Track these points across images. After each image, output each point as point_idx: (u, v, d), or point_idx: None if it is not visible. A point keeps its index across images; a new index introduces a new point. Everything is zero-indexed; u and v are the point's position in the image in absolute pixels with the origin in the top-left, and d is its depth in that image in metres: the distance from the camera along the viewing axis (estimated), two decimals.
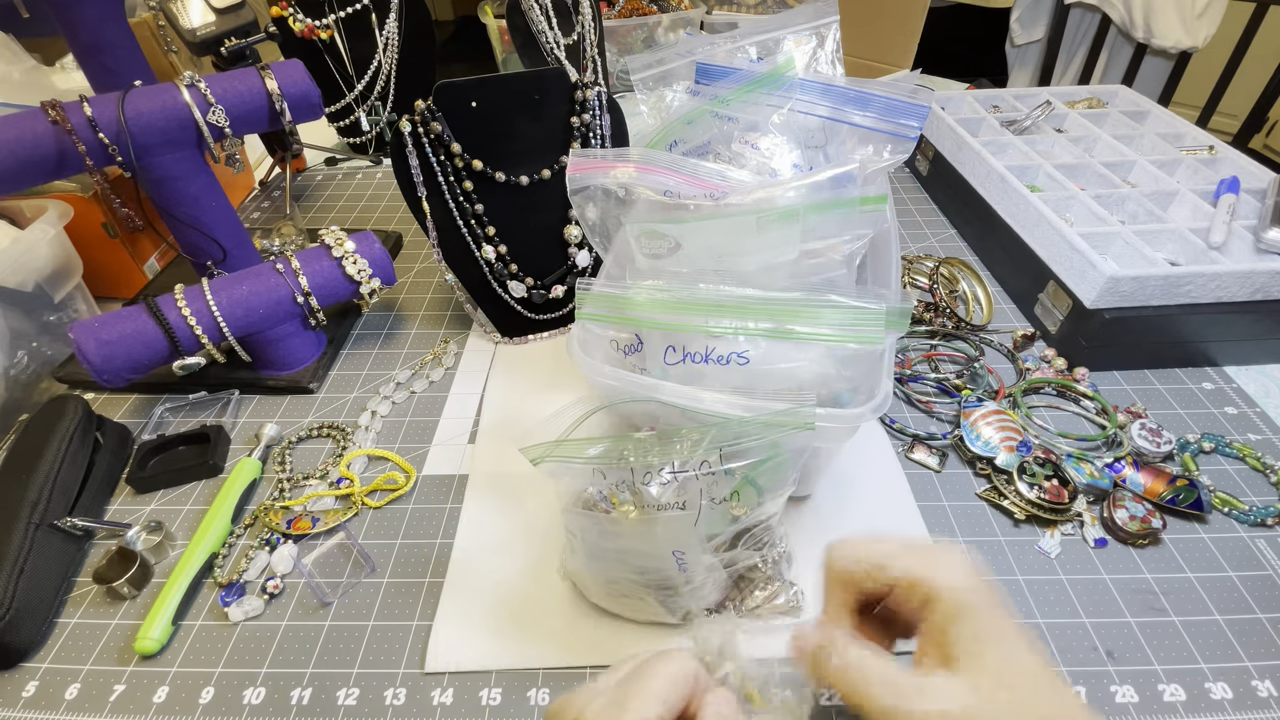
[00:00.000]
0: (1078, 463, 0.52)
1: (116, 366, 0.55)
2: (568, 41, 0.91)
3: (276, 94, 0.62)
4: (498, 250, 0.63)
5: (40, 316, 0.64)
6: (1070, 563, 0.48)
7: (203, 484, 0.56)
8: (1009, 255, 0.72)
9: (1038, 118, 0.88)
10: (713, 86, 0.62)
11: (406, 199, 0.61)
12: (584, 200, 0.54)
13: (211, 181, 0.64)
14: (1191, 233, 0.65)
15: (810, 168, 0.59)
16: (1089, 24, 1.62)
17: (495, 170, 0.61)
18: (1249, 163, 0.75)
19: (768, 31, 0.66)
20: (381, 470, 0.57)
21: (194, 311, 0.57)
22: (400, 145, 0.59)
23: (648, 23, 1.09)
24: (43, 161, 0.56)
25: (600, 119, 0.63)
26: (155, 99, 0.58)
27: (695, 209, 0.49)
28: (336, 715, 0.42)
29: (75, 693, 0.43)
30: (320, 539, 0.51)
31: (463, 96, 0.58)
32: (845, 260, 0.48)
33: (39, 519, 0.48)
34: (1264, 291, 0.60)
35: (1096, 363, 0.62)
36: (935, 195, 0.90)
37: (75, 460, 0.52)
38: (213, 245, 0.65)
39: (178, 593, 0.46)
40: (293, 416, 0.62)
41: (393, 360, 0.67)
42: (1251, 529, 0.50)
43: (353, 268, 0.62)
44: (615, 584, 0.43)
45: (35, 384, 0.64)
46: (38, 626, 0.45)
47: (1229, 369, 0.63)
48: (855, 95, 0.57)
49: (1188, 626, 0.45)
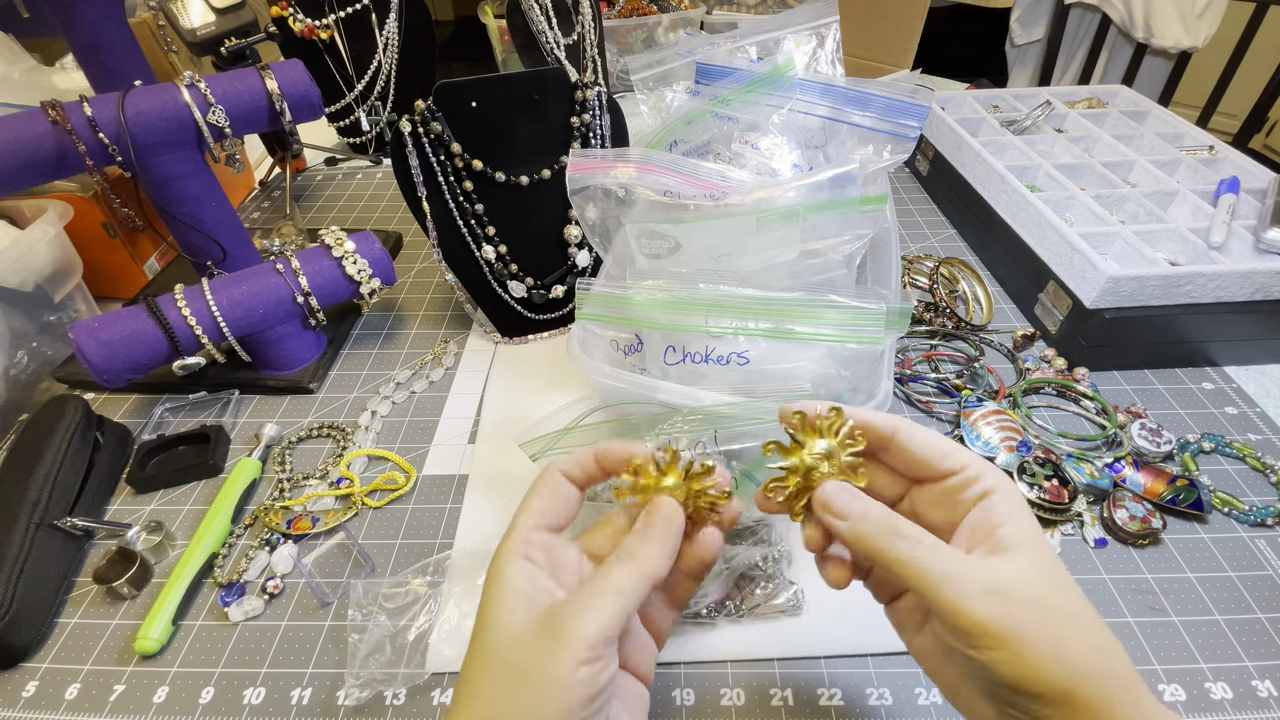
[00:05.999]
0: (1078, 463, 0.52)
1: (116, 366, 0.55)
2: (568, 41, 0.91)
3: (276, 94, 0.62)
4: (498, 250, 0.63)
5: (40, 316, 0.64)
6: (1070, 563, 0.48)
7: (203, 484, 0.56)
8: (1009, 255, 0.72)
9: (1038, 118, 0.88)
10: (713, 86, 0.62)
11: (406, 199, 0.61)
12: (584, 200, 0.54)
13: (211, 181, 0.64)
14: (1191, 233, 0.65)
15: (810, 168, 0.59)
16: (1089, 24, 1.62)
17: (495, 170, 0.61)
18: (1249, 163, 0.75)
19: (768, 31, 0.66)
20: (381, 470, 0.57)
21: (194, 311, 0.57)
22: (400, 145, 0.59)
23: (648, 23, 1.09)
24: (43, 161, 0.56)
25: (600, 119, 0.63)
26: (155, 99, 0.58)
27: (695, 209, 0.49)
28: (336, 715, 0.42)
29: (75, 693, 0.43)
30: (320, 539, 0.51)
31: (463, 96, 0.58)
32: (845, 260, 0.48)
33: (39, 519, 0.48)
34: (1264, 291, 0.60)
35: (1096, 363, 0.62)
36: (935, 195, 0.90)
37: (75, 460, 0.52)
38: (213, 245, 0.65)
39: (178, 593, 0.46)
40: (293, 416, 0.62)
41: (393, 360, 0.67)
42: (1251, 529, 0.50)
43: (353, 268, 0.62)
44: None
45: (35, 384, 0.64)
46: (38, 626, 0.45)
47: (1229, 369, 0.63)
48: (855, 95, 0.57)
49: (1188, 626, 0.45)
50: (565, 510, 0.31)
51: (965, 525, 0.28)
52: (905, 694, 0.42)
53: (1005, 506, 0.28)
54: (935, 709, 0.41)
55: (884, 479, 0.32)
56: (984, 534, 0.27)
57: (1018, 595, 0.25)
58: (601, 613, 0.26)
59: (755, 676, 0.43)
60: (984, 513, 0.28)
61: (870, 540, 0.28)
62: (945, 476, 0.29)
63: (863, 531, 0.28)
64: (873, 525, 0.28)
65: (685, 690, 0.42)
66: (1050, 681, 0.24)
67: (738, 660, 0.44)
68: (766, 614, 0.45)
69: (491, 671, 0.26)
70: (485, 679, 0.26)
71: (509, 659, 0.26)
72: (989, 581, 0.25)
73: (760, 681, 0.43)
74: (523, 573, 0.28)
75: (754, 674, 0.43)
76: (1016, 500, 0.28)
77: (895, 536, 0.27)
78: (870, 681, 0.43)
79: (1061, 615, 0.25)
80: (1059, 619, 0.25)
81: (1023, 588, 0.25)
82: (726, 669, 0.43)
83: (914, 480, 0.31)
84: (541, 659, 0.25)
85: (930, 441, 0.30)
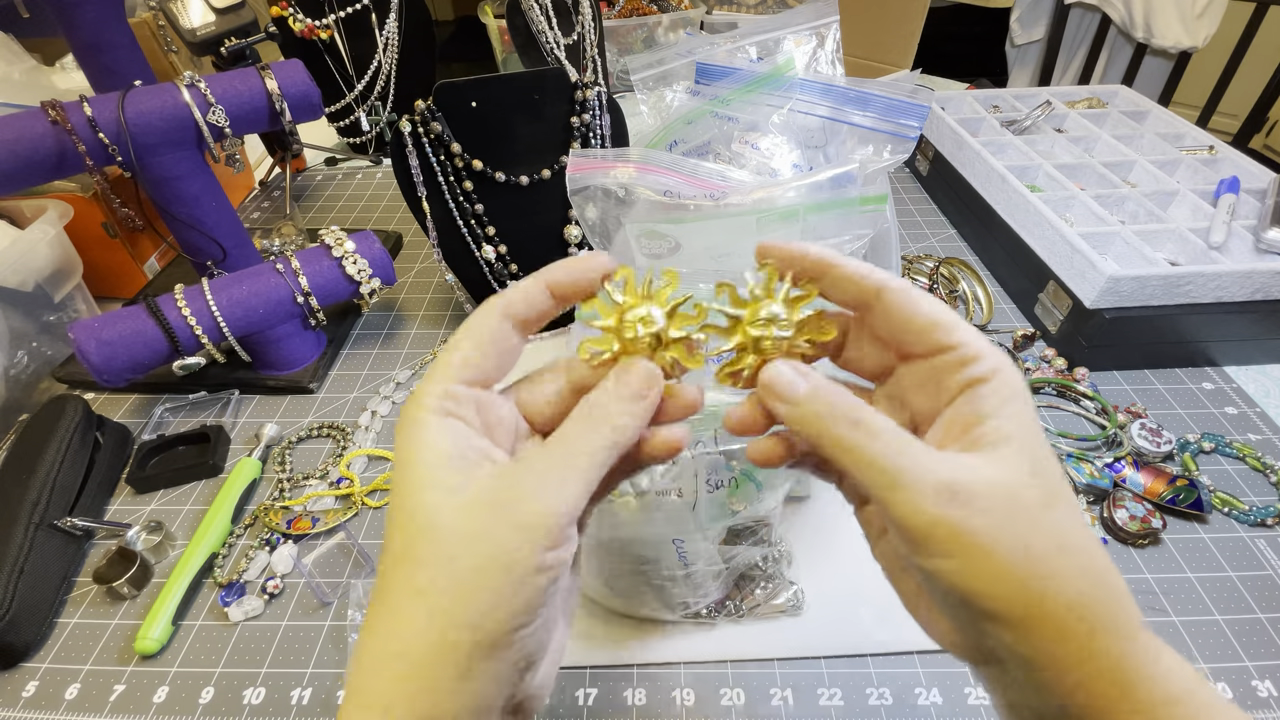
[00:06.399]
0: (1078, 463, 0.52)
1: (116, 366, 0.55)
2: (568, 41, 0.91)
3: (276, 94, 0.61)
4: (498, 250, 0.63)
5: (40, 316, 0.64)
6: None
7: (203, 484, 0.56)
8: (1009, 255, 0.72)
9: (1038, 118, 0.88)
10: (713, 86, 0.62)
11: (406, 199, 0.61)
12: (584, 200, 0.54)
13: (211, 181, 0.64)
14: (1191, 233, 0.65)
15: (810, 168, 0.59)
16: (1089, 24, 1.62)
17: (495, 170, 0.61)
18: (1249, 163, 0.75)
19: (768, 31, 0.66)
20: (381, 470, 0.57)
21: (194, 311, 0.57)
22: (400, 145, 0.59)
23: (648, 23, 1.09)
24: (43, 161, 0.56)
25: (600, 119, 0.63)
26: (155, 99, 0.58)
27: (695, 209, 0.49)
28: (336, 715, 0.41)
29: (75, 693, 0.43)
30: (320, 539, 0.51)
31: (463, 96, 0.58)
32: None
33: (39, 519, 0.48)
34: (1264, 291, 0.60)
35: (1096, 363, 0.62)
36: (935, 195, 0.90)
37: (75, 460, 0.52)
38: (213, 245, 0.65)
39: (178, 593, 0.46)
40: (293, 416, 0.62)
41: (393, 360, 0.67)
42: (1251, 529, 0.50)
43: (353, 268, 0.62)
44: (615, 578, 0.43)
45: (35, 384, 0.64)
46: (38, 626, 0.45)
47: (1229, 369, 0.63)
48: (855, 95, 0.57)
49: (1188, 626, 0.45)
50: (502, 361, 0.25)
51: (946, 415, 0.23)
52: (905, 694, 0.42)
53: (997, 397, 0.22)
54: (935, 709, 0.41)
55: (867, 347, 0.26)
56: (964, 427, 0.22)
57: (981, 496, 0.20)
58: (571, 486, 0.21)
59: (755, 676, 0.43)
60: (970, 402, 0.23)
61: (815, 424, 0.23)
62: (936, 353, 0.24)
63: (807, 413, 0.23)
64: (820, 406, 0.23)
65: (685, 690, 0.42)
66: (1007, 599, 0.20)
67: (738, 660, 0.44)
68: (766, 614, 0.45)
69: (431, 556, 0.21)
70: (426, 564, 0.20)
71: (454, 540, 0.20)
72: (949, 477, 0.20)
73: (760, 681, 0.43)
74: (449, 431, 0.22)
75: (754, 674, 0.43)
76: (1013, 391, 0.22)
77: (846, 423, 0.22)
78: (870, 681, 0.43)
79: (1034, 524, 0.20)
80: (1029, 528, 0.20)
81: (990, 488, 0.20)
82: (726, 669, 0.43)
83: (901, 355, 0.25)
84: (495, 545, 0.20)
85: (922, 307, 0.24)
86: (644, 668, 0.44)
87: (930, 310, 0.24)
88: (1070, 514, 0.21)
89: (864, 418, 0.22)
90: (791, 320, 0.25)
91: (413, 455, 0.22)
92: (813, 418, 0.23)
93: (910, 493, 0.20)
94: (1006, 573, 0.20)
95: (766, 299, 0.25)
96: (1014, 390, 0.22)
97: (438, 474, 0.21)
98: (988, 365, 0.23)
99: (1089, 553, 0.20)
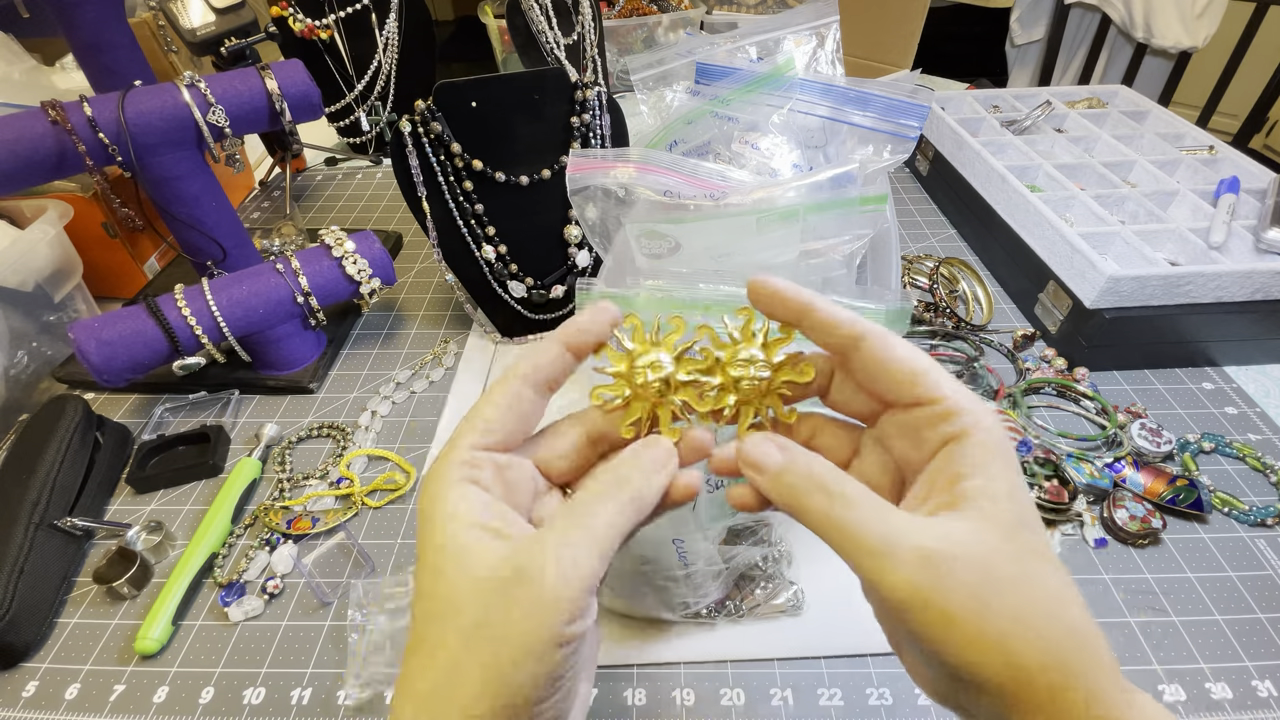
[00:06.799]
0: (1078, 463, 0.52)
1: (117, 366, 0.55)
2: (568, 41, 0.91)
3: (276, 94, 0.62)
4: (498, 250, 0.63)
5: (40, 316, 0.64)
6: (1070, 563, 0.48)
7: (203, 484, 0.56)
8: (1009, 255, 0.72)
9: (1038, 118, 0.88)
10: (713, 86, 0.62)
11: (406, 199, 0.61)
12: (584, 200, 0.54)
13: (211, 181, 0.64)
14: (1191, 233, 0.65)
15: (810, 168, 0.59)
16: (1089, 24, 1.62)
17: (495, 170, 0.61)
18: (1249, 163, 0.75)
19: (768, 31, 0.66)
20: (381, 470, 0.57)
21: (194, 311, 0.57)
22: (400, 145, 0.59)
23: (648, 23, 1.09)
24: (43, 161, 0.56)
25: (600, 119, 0.63)
26: (155, 99, 0.58)
27: (695, 209, 0.49)
28: (337, 715, 0.42)
29: (75, 693, 0.43)
30: (320, 539, 0.51)
31: (463, 96, 0.58)
32: (845, 260, 0.48)
33: (39, 519, 0.48)
34: (1264, 291, 0.60)
35: (1096, 363, 0.62)
36: (935, 195, 0.90)
37: (75, 460, 0.52)
38: (213, 245, 0.65)
39: (178, 593, 0.46)
40: (293, 416, 0.62)
41: (393, 360, 0.67)
42: (1251, 529, 0.50)
43: (353, 268, 0.62)
44: (615, 578, 0.43)
45: (35, 384, 0.64)
46: (38, 626, 0.45)
47: (1229, 369, 0.63)
48: (855, 95, 0.57)
49: (1188, 626, 0.45)
50: (523, 424, 0.26)
51: (928, 470, 0.23)
52: (905, 694, 0.42)
53: (976, 455, 0.22)
54: (935, 709, 0.41)
55: (851, 391, 0.26)
56: (945, 485, 0.22)
57: (957, 561, 0.20)
58: (589, 557, 0.22)
59: (755, 676, 0.43)
60: (948, 459, 0.22)
61: (790, 495, 0.23)
62: (915, 406, 0.23)
63: (782, 485, 0.23)
64: (795, 479, 0.23)
65: (685, 690, 0.42)
66: (984, 665, 0.20)
67: (738, 660, 0.44)
68: (766, 614, 0.45)
69: (452, 629, 0.21)
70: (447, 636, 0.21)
71: (473, 613, 0.21)
72: (924, 545, 0.20)
73: (760, 681, 0.43)
74: (473, 500, 0.23)
75: (754, 674, 0.43)
76: (992, 447, 0.22)
77: (822, 495, 0.22)
78: (870, 681, 0.43)
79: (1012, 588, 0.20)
80: (1006, 592, 0.20)
81: (966, 552, 0.20)
82: (726, 669, 0.43)
83: (883, 404, 0.25)
84: (518, 616, 0.21)
85: (901, 357, 0.23)
86: (644, 668, 0.44)
87: (908, 361, 0.24)
88: (1048, 573, 0.21)
89: (840, 488, 0.22)
90: (770, 361, 0.26)
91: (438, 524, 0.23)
92: (788, 490, 0.23)
93: (887, 560, 0.21)
94: (981, 639, 0.20)
95: (745, 342, 0.26)
96: (994, 446, 0.22)
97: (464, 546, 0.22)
98: (967, 421, 0.22)
99: (1066, 614, 0.20)
